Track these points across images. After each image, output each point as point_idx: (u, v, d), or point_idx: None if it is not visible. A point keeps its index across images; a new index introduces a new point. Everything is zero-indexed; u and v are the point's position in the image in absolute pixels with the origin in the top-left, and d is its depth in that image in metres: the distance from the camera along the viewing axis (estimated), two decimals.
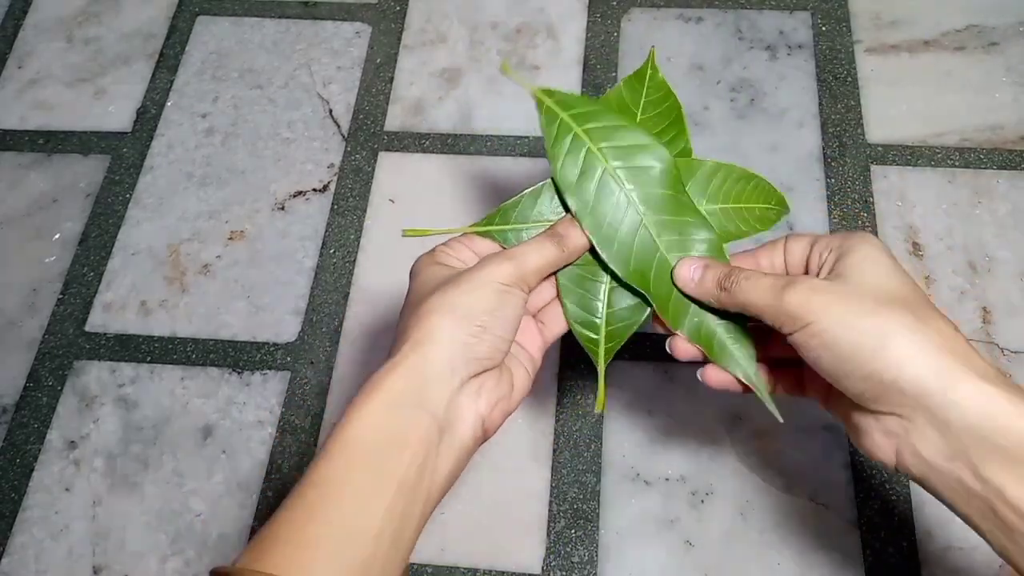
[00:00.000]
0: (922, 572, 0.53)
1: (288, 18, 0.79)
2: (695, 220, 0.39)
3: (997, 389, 0.30)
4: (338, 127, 0.73)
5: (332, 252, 0.67)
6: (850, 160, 0.67)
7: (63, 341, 0.65)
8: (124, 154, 0.73)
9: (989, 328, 0.60)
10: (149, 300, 0.66)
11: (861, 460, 0.56)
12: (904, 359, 0.31)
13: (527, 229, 0.40)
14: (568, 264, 0.39)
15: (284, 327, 0.65)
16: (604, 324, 0.40)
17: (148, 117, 0.75)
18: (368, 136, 0.72)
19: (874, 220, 0.64)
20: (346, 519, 0.30)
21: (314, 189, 0.70)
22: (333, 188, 0.70)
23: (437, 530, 0.56)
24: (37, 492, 0.60)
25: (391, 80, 0.75)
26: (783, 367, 0.40)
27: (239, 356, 0.64)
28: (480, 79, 0.74)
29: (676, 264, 0.38)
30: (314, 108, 0.74)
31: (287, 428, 0.61)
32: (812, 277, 0.35)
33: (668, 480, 0.57)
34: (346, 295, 0.65)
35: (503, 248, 0.39)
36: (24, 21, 0.81)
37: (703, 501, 0.56)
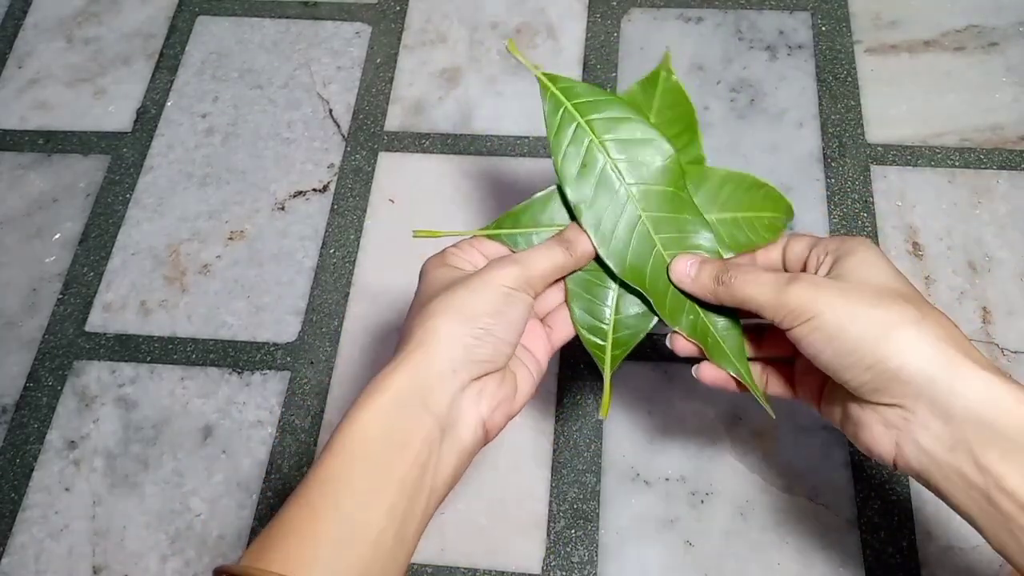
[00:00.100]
0: (922, 572, 0.53)
1: (288, 18, 0.79)
2: (694, 218, 0.39)
3: (998, 379, 0.30)
4: (338, 127, 0.73)
5: (332, 252, 0.67)
6: (850, 160, 0.67)
7: (63, 341, 0.65)
8: (124, 154, 0.73)
9: (989, 328, 0.60)
10: (149, 300, 0.66)
11: (861, 460, 0.56)
12: (908, 348, 0.31)
13: (537, 233, 0.40)
14: (577, 270, 0.39)
15: (284, 327, 0.65)
16: (611, 331, 0.40)
17: (148, 117, 0.75)
18: (368, 136, 0.72)
19: (874, 220, 0.64)
20: (348, 518, 0.30)
21: (314, 189, 0.70)
22: (333, 188, 0.70)
23: (437, 530, 0.56)
24: (37, 492, 0.60)
25: (391, 80, 0.75)
26: (773, 367, 0.40)
27: (239, 356, 0.64)
28: (480, 79, 0.74)
29: (672, 260, 0.38)
30: (314, 108, 0.74)
31: (287, 428, 0.61)
32: (813, 275, 0.35)
33: (668, 480, 0.57)
34: (346, 295, 0.65)
35: (512, 252, 0.39)
36: (24, 21, 0.81)
37: (703, 501, 0.56)
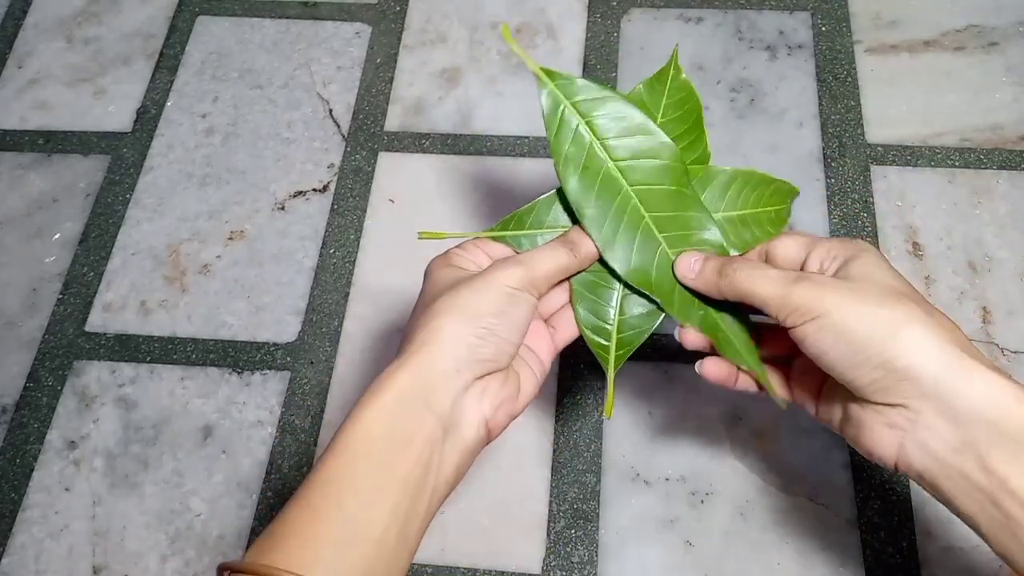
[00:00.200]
0: (922, 572, 0.53)
1: (288, 18, 0.79)
2: (698, 214, 0.39)
3: (1005, 380, 0.30)
4: (338, 127, 0.73)
5: (332, 252, 0.67)
6: (850, 160, 0.67)
7: (63, 341, 0.65)
8: (124, 154, 0.73)
9: (989, 328, 0.60)
10: (149, 300, 0.66)
11: (861, 460, 0.56)
12: (916, 348, 0.31)
13: (541, 235, 0.40)
14: (581, 271, 0.39)
15: (284, 327, 0.65)
16: (615, 331, 0.40)
17: (148, 117, 0.75)
18: (368, 136, 0.72)
19: (874, 220, 0.64)
20: (352, 517, 0.30)
21: (314, 189, 0.70)
22: (333, 188, 0.70)
23: (437, 530, 0.56)
24: (37, 492, 0.60)
25: (391, 80, 0.75)
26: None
27: (239, 356, 0.64)
28: (480, 79, 0.74)
29: (676, 259, 0.38)
30: (314, 108, 0.74)
31: (287, 428, 0.61)
32: (819, 274, 0.35)
33: (668, 480, 0.57)
34: (346, 295, 0.65)
35: (517, 253, 0.39)
36: (24, 21, 0.81)
37: (703, 501, 0.56)
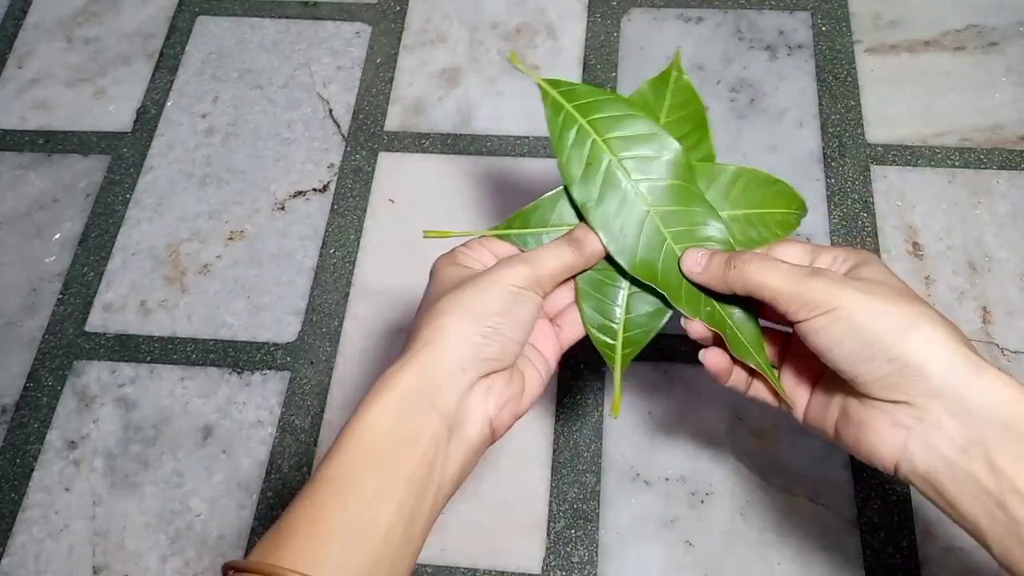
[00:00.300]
0: (922, 572, 0.53)
1: (288, 18, 0.79)
2: (703, 210, 0.39)
3: (1015, 381, 0.30)
4: (338, 127, 0.73)
5: (332, 252, 0.67)
6: (850, 160, 0.67)
7: (63, 341, 0.65)
8: (124, 154, 0.73)
9: (989, 328, 0.60)
10: (149, 300, 0.66)
11: (861, 460, 0.56)
12: (931, 344, 0.31)
13: (547, 233, 0.40)
14: (586, 269, 0.39)
15: (284, 327, 0.65)
16: (622, 330, 0.39)
17: (148, 117, 0.75)
18: (368, 136, 0.72)
19: (874, 220, 0.64)
20: (357, 515, 0.30)
21: (314, 189, 0.70)
22: (333, 188, 0.70)
23: (437, 530, 0.56)
24: (37, 492, 0.60)
25: (391, 80, 0.75)
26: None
27: (239, 356, 0.64)
28: (480, 79, 0.74)
29: (682, 254, 0.38)
30: (314, 108, 0.74)
31: (287, 428, 0.61)
32: (832, 271, 0.35)
33: (668, 480, 0.57)
34: (346, 295, 0.65)
35: (522, 251, 0.39)
36: (24, 21, 0.81)
37: (703, 501, 0.56)
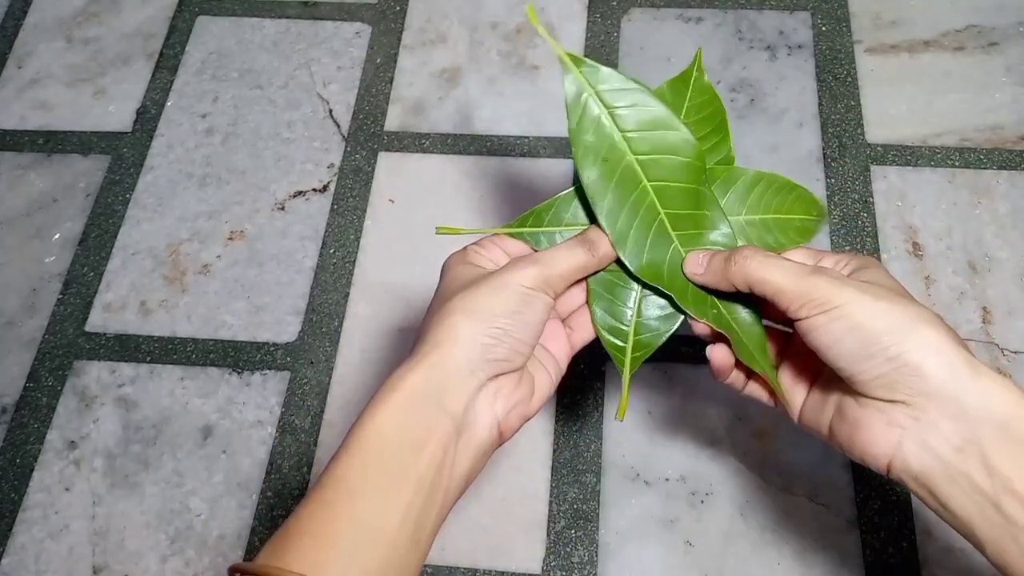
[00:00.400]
0: (922, 572, 0.53)
1: (288, 18, 0.79)
2: (712, 214, 0.38)
3: (1013, 383, 0.31)
4: (338, 127, 0.73)
5: (332, 252, 0.67)
6: (850, 160, 0.67)
7: (63, 341, 0.65)
8: (124, 154, 0.73)
9: (989, 328, 0.60)
10: (149, 300, 0.66)
11: None
12: (930, 345, 0.31)
13: (560, 232, 0.39)
14: (599, 271, 0.39)
15: (284, 327, 0.65)
16: (632, 333, 0.39)
17: (148, 117, 0.75)
18: (368, 136, 0.72)
19: (874, 220, 0.64)
20: (365, 518, 0.30)
21: (314, 189, 0.70)
22: (333, 188, 0.70)
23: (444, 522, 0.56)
24: (37, 492, 0.60)
25: (391, 80, 0.75)
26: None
27: (239, 356, 0.64)
28: (480, 79, 0.74)
29: (685, 257, 0.38)
30: (314, 108, 0.74)
31: (287, 428, 0.61)
32: (835, 271, 0.36)
33: (668, 480, 0.57)
34: (346, 295, 0.65)
35: (534, 251, 0.39)
36: (24, 21, 0.81)
37: (703, 501, 0.56)
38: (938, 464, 0.31)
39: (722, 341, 0.38)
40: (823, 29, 0.73)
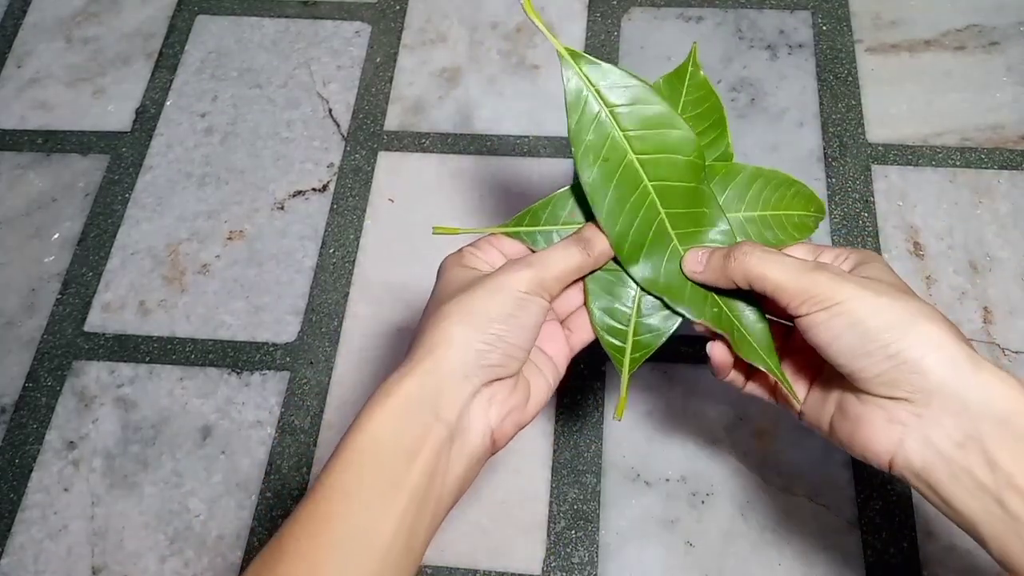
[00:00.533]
0: (923, 572, 0.53)
1: (288, 17, 0.79)
2: (711, 212, 0.38)
3: (1014, 379, 0.30)
4: (338, 127, 0.73)
5: (332, 252, 0.67)
6: (851, 160, 0.67)
7: (62, 341, 0.65)
8: (123, 154, 0.73)
9: (990, 328, 0.60)
10: (148, 300, 0.66)
11: None
12: (931, 341, 0.31)
13: (557, 231, 0.39)
14: (595, 270, 0.38)
15: (283, 327, 0.64)
16: (631, 333, 0.39)
17: (147, 117, 0.75)
18: (368, 136, 0.72)
19: (875, 220, 0.64)
20: (358, 527, 0.30)
21: (313, 189, 0.70)
22: (333, 188, 0.70)
23: (438, 530, 0.56)
24: (36, 492, 0.60)
25: (391, 80, 0.75)
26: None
27: (238, 356, 0.63)
28: (480, 79, 0.74)
29: (684, 255, 0.38)
30: (314, 108, 0.74)
31: (286, 428, 0.61)
32: (836, 267, 0.35)
33: (668, 480, 0.57)
34: (346, 295, 0.65)
35: (531, 250, 0.38)
36: (24, 21, 0.81)
37: (703, 501, 0.56)
38: (940, 460, 0.31)
39: (722, 338, 0.38)
40: (824, 28, 0.73)
